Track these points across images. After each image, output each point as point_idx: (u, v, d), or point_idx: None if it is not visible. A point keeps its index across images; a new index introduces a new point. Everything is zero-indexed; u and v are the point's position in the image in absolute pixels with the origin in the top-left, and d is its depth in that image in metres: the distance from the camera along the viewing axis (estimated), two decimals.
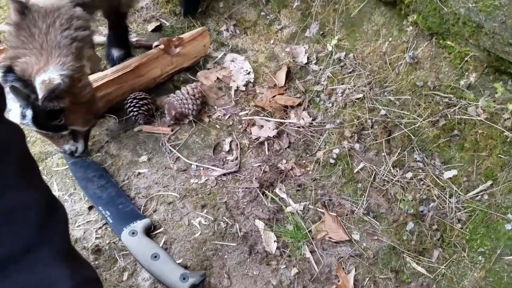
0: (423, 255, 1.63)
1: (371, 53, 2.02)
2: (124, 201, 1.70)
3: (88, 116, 1.68)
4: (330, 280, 1.59)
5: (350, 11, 2.11)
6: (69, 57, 1.46)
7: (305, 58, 2.18)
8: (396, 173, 1.78)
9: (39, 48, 1.42)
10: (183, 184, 1.80)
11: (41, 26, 1.43)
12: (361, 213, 1.73)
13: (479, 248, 1.59)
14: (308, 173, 1.85)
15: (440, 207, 1.69)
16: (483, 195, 1.65)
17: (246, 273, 1.59)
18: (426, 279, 1.59)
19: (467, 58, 1.74)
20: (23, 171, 0.91)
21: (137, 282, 1.55)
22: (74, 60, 1.47)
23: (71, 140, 1.65)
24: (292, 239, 1.66)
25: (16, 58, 1.42)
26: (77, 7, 1.51)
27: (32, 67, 1.40)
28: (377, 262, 1.63)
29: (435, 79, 1.83)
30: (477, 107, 1.71)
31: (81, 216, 1.70)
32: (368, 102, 1.92)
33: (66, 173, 1.82)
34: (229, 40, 2.35)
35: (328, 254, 1.64)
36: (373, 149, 1.86)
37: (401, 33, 1.94)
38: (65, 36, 1.45)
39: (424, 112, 1.81)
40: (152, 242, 1.59)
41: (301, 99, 2.07)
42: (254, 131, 1.97)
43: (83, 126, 1.67)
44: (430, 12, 1.74)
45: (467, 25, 1.62)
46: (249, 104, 2.08)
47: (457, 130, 1.74)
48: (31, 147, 1.91)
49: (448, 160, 1.75)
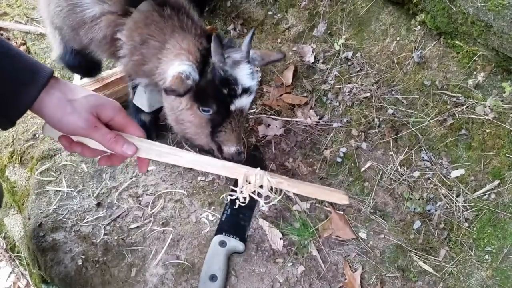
0: (430, 253, 1.63)
1: (378, 53, 2.03)
2: (245, 217, 1.71)
3: None
4: (337, 278, 1.59)
5: (358, 11, 2.11)
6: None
7: (312, 57, 2.19)
8: (404, 172, 1.78)
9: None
10: (191, 182, 1.81)
11: None
12: (368, 212, 1.73)
13: (486, 247, 1.59)
14: (315, 172, 1.86)
15: (447, 206, 1.69)
16: (490, 194, 1.65)
17: (253, 271, 1.60)
18: (433, 278, 1.59)
19: (475, 57, 1.74)
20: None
21: (145, 278, 1.56)
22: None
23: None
24: (299, 237, 1.66)
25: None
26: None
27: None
28: (384, 260, 1.63)
29: (443, 79, 1.83)
30: (485, 107, 1.71)
31: (89, 213, 1.71)
32: (376, 101, 1.93)
33: (74, 169, 1.83)
34: (237, 39, 2.36)
35: (334, 252, 1.65)
36: (380, 148, 1.86)
37: (409, 32, 1.94)
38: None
39: (431, 111, 1.81)
40: (225, 264, 1.58)
41: (308, 98, 2.07)
42: (261, 129, 1.97)
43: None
44: (439, 12, 1.74)
45: (476, 24, 1.62)
46: (256, 102, 2.09)
47: (464, 130, 1.74)
48: (40, 144, 1.93)
49: (456, 159, 1.75)
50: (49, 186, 1.78)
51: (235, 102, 1.32)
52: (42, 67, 0.90)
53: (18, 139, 1.97)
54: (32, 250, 1.71)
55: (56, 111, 0.91)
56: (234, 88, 1.30)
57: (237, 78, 1.30)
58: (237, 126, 1.39)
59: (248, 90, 1.33)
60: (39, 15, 2.41)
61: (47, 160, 1.87)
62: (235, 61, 1.31)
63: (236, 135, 1.40)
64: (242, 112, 1.37)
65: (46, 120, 0.94)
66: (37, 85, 0.88)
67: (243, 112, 1.38)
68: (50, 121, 0.93)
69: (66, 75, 2.19)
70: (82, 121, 0.92)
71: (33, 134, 1.97)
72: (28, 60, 0.90)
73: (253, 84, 1.35)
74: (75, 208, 1.73)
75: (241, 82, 1.31)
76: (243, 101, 1.34)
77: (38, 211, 1.72)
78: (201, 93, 1.31)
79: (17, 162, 1.95)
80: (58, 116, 0.91)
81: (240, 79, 1.30)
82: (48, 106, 0.90)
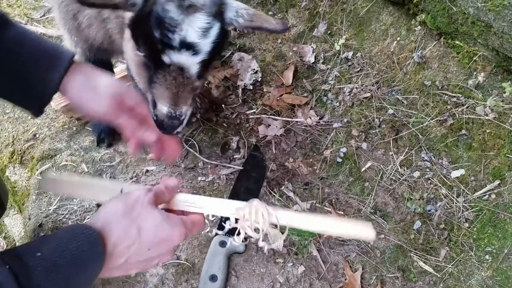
0: (430, 254, 1.63)
1: (379, 53, 2.03)
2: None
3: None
4: (337, 278, 1.59)
5: (358, 11, 2.11)
6: None
7: (312, 57, 2.19)
8: (404, 172, 1.78)
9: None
10: (191, 182, 1.81)
11: None
12: (368, 212, 1.73)
13: (486, 247, 1.59)
14: (315, 172, 1.86)
15: (448, 206, 1.69)
16: (490, 195, 1.65)
17: (253, 271, 1.60)
18: (433, 278, 1.59)
19: (475, 57, 1.74)
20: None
21: (145, 278, 1.56)
22: None
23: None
24: (299, 237, 1.67)
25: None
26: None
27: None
28: (384, 260, 1.63)
29: (443, 79, 1.83)
30: (485, 107, 1.71)
31: (90, 213, 1.71)
32: (376, 101, 1.93)
33: (74, 169, 1.83)
34: (237, 39, 2.36)
35: (335, 252, 1.65)
36: (380, 148, 1.86)
37: (409, 32, 1.94)
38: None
39: (432, 112, 1.81)
40: (225, 264, 1.58)
41: (308, 98, 2.07)
42: (261, 129, 1.97)
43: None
44: (439, 12, 1.74)
45: (476, 24, 1.62)
46: (256, 103, 2.09)
47: (465, 130, 1.74)
48: (40, 144, 1.93)
49: (456, 159, 1.76)
50: None
51: (170, 55, 1.05)
52: (63, 50, 0.90)
53: (19, 139, 1.97)
54: None
55: (80, 96, 0.91)
56: (168, 36, 1.02)
57: (180, 26, 1.03)
58: (173, 85, 1.11)
59: (191, 47, 1.05)
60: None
61: (47, 160, 1.87)
62: (192, 4, 1.04)
63: (171, 95, 1.12)
64: (183, 72, 1.09)
65: (71, 103, 0.94)
66: (59, 70, 0.88)
67: (185, 72, 1.09)
68: (74, 104, 0.93)
69: None
70: (105, 106, 0.92)
71: (33, 134, 1.97)
72: (48, 43, 0.90)
73: (201, 42, 1.05)
74: (76, 208, 1.73)
75: (182, 34, 1.03)
76: (183, 58, 1.06)
77: (38, 211, 1.72)
78: (136, 25, 1.09)
79: (17, 162, 1.95)
80: (82, 101, 0.91)
81: (183, 28, 1.03)
82: (72, 91, 0.90)
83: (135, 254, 0.81)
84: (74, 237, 0.74)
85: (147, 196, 0.84)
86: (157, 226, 0.82)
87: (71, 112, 1.90)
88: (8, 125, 2.00)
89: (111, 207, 0.83)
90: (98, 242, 0.76)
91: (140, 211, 0.82)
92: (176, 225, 0.85)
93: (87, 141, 1.90)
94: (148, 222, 0.82)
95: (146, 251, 0.82)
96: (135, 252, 0.81)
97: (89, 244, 0.75)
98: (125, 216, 0.81)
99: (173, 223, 0.84)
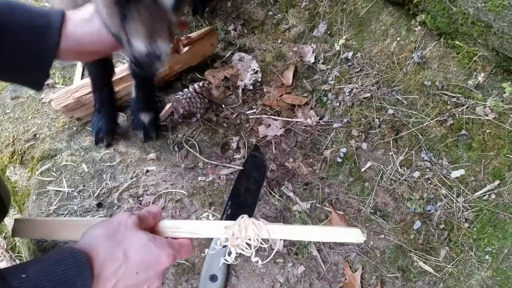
0: (430, 254, 1.63)
1: (379, 53, 2.03)
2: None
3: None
4: (337, 278, 1.60)
5: (358, 11, 2.11)
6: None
7: (312, 58, 2.19)
8: (404, 172, 1.78)
9: None
10: (191, 182, 1.81)
11: None
12: (368, 212, 1.73)
13: (486, 248, 1.59)
14: (315, 172, 1.86)
15: (448, 207, 1.69)
16: (490, 195, 1.65)
17: (253, 271, 1.60)
18: (433, 278, 1.59)
19: (475, 58, 1.74)
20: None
21: None
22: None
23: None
24: None
25: None
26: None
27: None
28: (384, 260, 1.63)
29: (443, 79, 1.83)
30: (485, 107, 1.71)
31: (90, 213, 1.71)
32: (376, 101, 1.93)
33: (75, 169, 1.83)
34: (237, 40, 2.36)
35: (335, 252, 1.65)
36: (380, 148, 1.87)
37: (409, 33, 1.95)
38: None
39: (432, 112, 1.81)
40: (225, 264, 1.56)
41: (308, 98, 2.08)
42: (261, 130, 1.98)
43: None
44: (439, 12, 1.74)
45: (476, 25, 1.62)
46: (257, 103, 2.09)
47: (464, 130, 1.74)
48: (40, 144, 1.93)
49: (456, 159, 1.76)
50: (50, 186, 1.78)
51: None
52: (52, 12, 0.92)
53: (19, 139, 1.97)
54: (33, 250, 1.71)
55: (82, 34, 0.96)
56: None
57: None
58: (149, 18, 1.03)
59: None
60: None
61: (47, 160, 1.87)
62: None
63: (145, 29, 1.03)
64: (157, 5, 1.02)
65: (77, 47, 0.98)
66: (54, 30, 0.90)
67: (160, 6, 1.02)
68: (80, 45, 0.98)
69: (67, 75, 2.19)
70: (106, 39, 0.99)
71: (33, 134, 1.97)
72: (36, 8, 0.92)
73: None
74: (76, 208, 1.73)
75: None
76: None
77: (38, 211, 1.72)
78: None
79: (17, 162, 1.95)
80: (85, 38, 0.97)
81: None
82: (74, 34, 0.95)
83: (124, 278, 0.80)
84: (62, 260, 0.74)
85: (131, 219, 0.84)
86: (143, 247, 0.82)
87: (72, 112, 1.90)
88: (8, 125, 2.00)
89: (94, 232, 0.82)
90: (86, 266, 0.75)
91: (124, 233, 0.82)
92: (163, 246, 0.84)
93: (88, 141, 1.90)
94: (133, 243, 0.81)
95: (135, 274, 0.81)
96: (124, 276, 0.80)
97: (77, 268, 0.74)
98: (109, 239, 0.80)
99: (159, 244, 0.84)
